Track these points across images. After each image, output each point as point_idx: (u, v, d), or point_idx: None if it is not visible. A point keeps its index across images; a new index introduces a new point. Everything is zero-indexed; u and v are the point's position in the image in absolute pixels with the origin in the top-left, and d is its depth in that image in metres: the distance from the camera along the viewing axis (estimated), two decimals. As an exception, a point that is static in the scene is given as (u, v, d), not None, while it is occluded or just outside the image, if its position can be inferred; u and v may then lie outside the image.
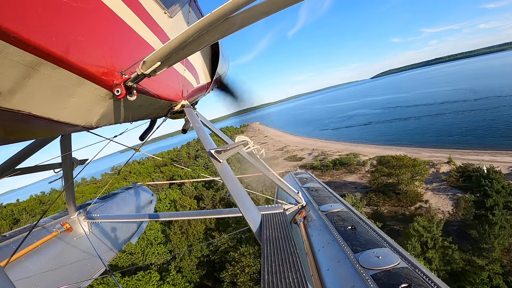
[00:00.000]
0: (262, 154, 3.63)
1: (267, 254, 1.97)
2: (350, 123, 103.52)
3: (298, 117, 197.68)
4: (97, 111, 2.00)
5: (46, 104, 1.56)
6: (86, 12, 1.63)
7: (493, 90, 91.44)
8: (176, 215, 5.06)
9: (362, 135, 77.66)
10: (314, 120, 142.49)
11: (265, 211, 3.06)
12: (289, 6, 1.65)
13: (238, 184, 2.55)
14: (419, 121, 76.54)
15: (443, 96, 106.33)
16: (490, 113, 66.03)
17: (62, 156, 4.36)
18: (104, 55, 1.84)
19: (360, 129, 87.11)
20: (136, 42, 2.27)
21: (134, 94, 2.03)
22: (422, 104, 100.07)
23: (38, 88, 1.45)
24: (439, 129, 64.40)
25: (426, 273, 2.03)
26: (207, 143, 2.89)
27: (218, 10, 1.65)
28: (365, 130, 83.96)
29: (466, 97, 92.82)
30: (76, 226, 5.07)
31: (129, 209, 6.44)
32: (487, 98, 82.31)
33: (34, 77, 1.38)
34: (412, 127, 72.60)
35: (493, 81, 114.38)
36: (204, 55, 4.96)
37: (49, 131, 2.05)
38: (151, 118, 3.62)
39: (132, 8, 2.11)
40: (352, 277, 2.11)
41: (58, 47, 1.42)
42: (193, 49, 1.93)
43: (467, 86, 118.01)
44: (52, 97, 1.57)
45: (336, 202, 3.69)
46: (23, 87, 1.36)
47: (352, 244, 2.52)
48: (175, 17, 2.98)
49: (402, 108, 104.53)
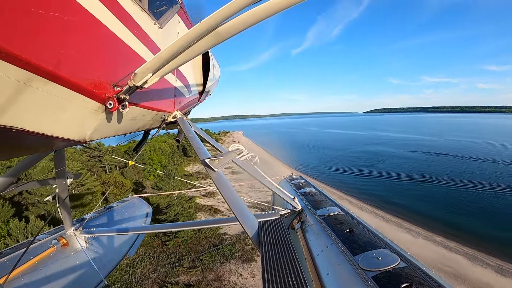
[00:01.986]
0: (257, 161, 3.64)
1: (267, 261, 1.96)
2: (379, 166, 63.13)
3: (290, 136, 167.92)
4: (90, 125, 1.99)
5: (38, 119, 1.55)
6: (77, 25, 1.63)
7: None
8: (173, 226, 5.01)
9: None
10: (312, 145, 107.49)
11: (262, 218, 3.05)
12: (276, 14, 1.67)
13: (234, 193, 2.55)
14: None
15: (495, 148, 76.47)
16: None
17: (56, 171, 4.34)
18: (95, 68, 1.84)
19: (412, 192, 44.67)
20: (127, 54, 2.28)
21: (127, 107, 2.03)
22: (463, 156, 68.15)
23: (31, 103, 1.44)
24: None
25: (427, 272, 2.03)
26: (201, 153, 2.89)
27: (207, 20, 1.67)
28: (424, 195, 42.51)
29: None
30: (72, 241, 5.01)
31: (126, 222, 6.40)
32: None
33: (26, 92, 1.37)
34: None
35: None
36: (195, 65, 4.99)
37: (42, 147, 2.03)
38: (144, 130, 3.62)
39: (122, 20, 2.12)
40: (353, 279, 2.10)
41: (49, 61, 1.42)
42: (184, 59, 1.94)
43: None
44: (44, 112, 1.57)
45: (332, 206, 3.68)
46: (15, 102, 1.35)
47: (351, 247, 2.51)
48: (165, 27, 2.99)
49: (442, 156, 70.41)
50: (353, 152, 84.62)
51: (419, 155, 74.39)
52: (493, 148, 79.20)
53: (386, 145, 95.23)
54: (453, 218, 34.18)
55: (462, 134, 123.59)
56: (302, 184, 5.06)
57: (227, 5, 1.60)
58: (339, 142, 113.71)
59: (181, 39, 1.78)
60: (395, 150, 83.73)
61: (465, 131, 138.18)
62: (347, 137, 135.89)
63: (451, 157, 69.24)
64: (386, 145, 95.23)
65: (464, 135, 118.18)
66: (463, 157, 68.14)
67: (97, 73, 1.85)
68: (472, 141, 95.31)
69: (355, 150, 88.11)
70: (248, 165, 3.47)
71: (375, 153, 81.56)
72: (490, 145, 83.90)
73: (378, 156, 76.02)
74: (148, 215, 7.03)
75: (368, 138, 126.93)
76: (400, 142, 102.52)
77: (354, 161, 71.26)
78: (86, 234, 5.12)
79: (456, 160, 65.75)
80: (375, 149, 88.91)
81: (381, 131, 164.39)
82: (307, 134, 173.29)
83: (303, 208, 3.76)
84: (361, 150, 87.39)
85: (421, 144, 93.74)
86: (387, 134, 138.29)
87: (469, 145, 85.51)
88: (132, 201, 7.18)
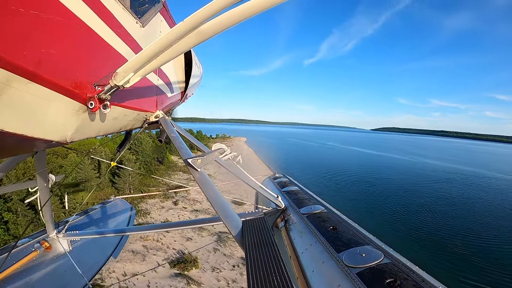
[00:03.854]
0: (239, 160, 3.65)
1: (251, 260, 1.96)
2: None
3: (308, 152, 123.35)
4: (72, 126, 1.96)
5: (19, 120, 1.52)
6: (57, 24, 1.60)
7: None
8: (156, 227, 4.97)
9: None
10: (353, 174, 69.29)
11: (246, 217, 3.05)
12: (257, 14, 1.69)
13: (217, 192, 2.55)
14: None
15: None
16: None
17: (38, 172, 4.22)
18: (76, 68, 1.81)
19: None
20: (109, 53, 2.24)
21: (108, 107, 2.01)
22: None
23: (11, 104, 1.41)
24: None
25: (410, 267, 2.07)
26: (184, 153, 2.89)
27: (189, 19, 1.67)
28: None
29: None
30: (55, 244, 4.90)
31: (109, 224, 6.31)
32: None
33: (6, 93, 1.35)
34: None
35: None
36: (177, 64, 4.96)
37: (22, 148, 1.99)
38: (126, 130, 3.58)
39: (103, 19, 2.08)
40: (338, 276, 2.12)
41: (30, 61, 1.40)
42: (166, 59, 1.93)
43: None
44: (25, 112, 1.54)
45: (316, 204, 3.71)
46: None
47: (335, 244, 2.54)
48: (147, 26, 2.95)
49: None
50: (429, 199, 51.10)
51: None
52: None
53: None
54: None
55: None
56: (286, 183, 5.08)
57: (209, 4, 1.61)
58: (385, 170, 78.94)
59: (163, 38, 1.77)
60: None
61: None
62: (384, 161, 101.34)
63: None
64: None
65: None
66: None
67: (78, 73, 1.82)
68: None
69: (428, 192, 55.35)
70: (231, 164, 3.48)
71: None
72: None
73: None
74: (131, 216, 6.98)
75: (419, 165, 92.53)
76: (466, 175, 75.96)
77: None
78: (69, 236, 5.01)
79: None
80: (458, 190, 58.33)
81: (419, 156, 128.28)
82: (330, 152, 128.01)
83: (286, 207, 3.78)
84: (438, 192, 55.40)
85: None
86: (437, 163, 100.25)
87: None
88: (115, 203, 7.11)
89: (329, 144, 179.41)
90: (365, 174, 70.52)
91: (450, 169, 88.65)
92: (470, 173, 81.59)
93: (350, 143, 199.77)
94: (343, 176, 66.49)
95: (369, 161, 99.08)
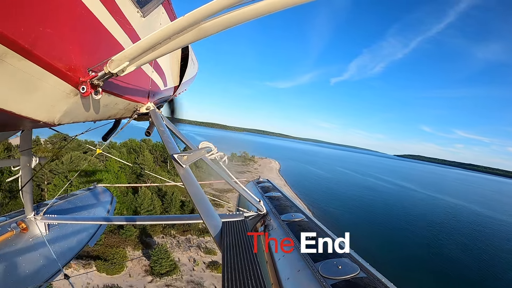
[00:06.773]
0: (225, 161, 3.66)
1: (228, 262, 1.96)
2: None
3: (388, 205, 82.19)
4: (61, 108, 1.94)
5: (8, 96, 1.50)
6: (57, 3, 1.59)
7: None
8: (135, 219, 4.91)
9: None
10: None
11: (226, 219, 3.05)
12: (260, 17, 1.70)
13: (200, 190, 2.56)
14: None
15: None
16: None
17: (21, 151, 4.13)
18: (72, 50, 1.79)
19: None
20: (106, 40, 2.22)
21: (100, 93, 1.99)
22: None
23: (1, 79, 1.40)
24: None
25: (385, 283, 2.09)
26: (171, 148, 2.89)
27: (190, 14, 1.67)
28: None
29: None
30: (32, 226, 4.79)
31: (88, 211, 6.20)
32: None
33: None
34: None
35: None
36: (173, 58, 4.94)
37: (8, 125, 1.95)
38: (115, 118, 3.55)
39: (105, 3, 2.06)
40: (312, 286, 2.14)
41: (26, 38, 1.38)
42: (163, 52, 1.92)
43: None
44: (15, 89, 1.52)
45: (297, 212, 3.74)
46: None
47: (313, 254, 2.56)
48: (148, 17, 2.93)
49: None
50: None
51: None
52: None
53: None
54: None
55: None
56: (269, 188, 5.11)
57: (211, 3, 1.61)
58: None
59: (163, 30, 1.77)
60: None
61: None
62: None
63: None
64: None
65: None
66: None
67: (73, 55, 1.80)
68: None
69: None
70: (216, 164, 3.49)
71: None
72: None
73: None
74: (111, 206, 6.87)
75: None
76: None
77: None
78: (47, 220, 4.90)
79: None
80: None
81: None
82: (427, 207, 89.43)
83: (267, 212, 3.79)
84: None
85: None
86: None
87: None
88: (97, 190, 6.97)
89: (406, 185, 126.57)
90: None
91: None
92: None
93: (401, 177, 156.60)
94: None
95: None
